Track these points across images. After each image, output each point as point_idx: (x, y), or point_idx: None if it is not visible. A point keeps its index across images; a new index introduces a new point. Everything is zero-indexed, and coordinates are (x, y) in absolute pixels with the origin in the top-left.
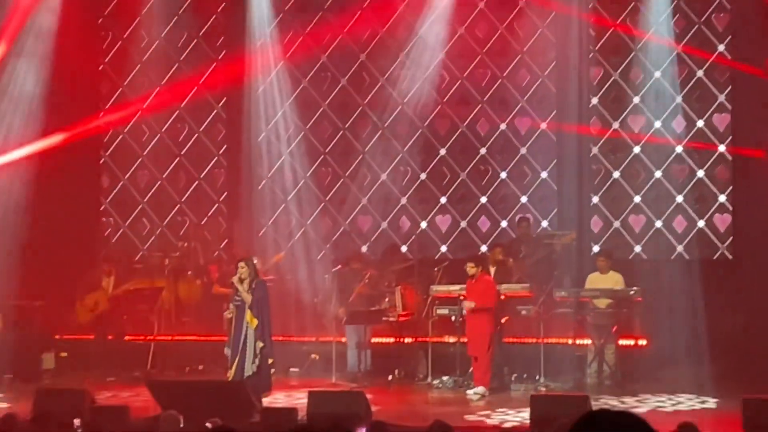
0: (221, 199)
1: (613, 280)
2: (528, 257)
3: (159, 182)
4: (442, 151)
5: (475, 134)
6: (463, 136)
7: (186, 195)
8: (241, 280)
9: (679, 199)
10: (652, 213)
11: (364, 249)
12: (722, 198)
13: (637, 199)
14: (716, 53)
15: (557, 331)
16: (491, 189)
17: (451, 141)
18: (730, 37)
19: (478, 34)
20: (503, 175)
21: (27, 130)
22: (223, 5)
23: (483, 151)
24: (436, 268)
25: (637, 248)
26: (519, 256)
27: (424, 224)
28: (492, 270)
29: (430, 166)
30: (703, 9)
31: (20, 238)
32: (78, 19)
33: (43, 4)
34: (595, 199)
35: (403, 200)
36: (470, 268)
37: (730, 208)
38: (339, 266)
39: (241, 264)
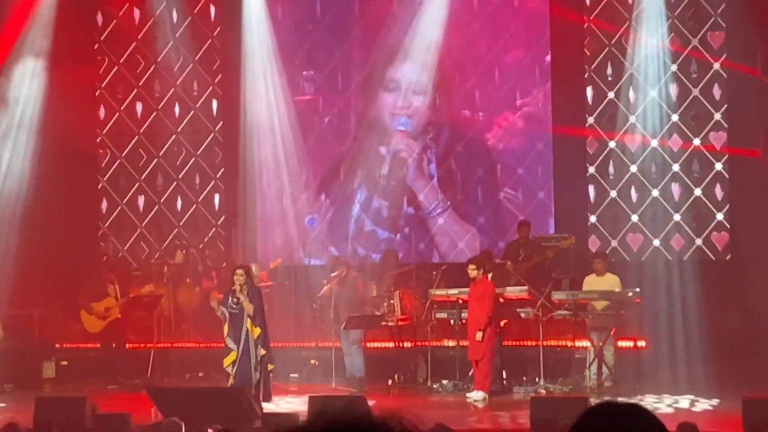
0: (219, 223)
1: (610, 282)
2: (527, 260)
3: (157, 206)
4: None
5: (472, 154)
6: (459, 156)
7: (184, 219)
8: (241, 288)
9: (677, 217)
10: (650, 232)
11: None
12: (720, 216)
13: (635, 218)
14: (712, 71)
15: (556, 333)
16: (488, 209)
17: (447, 162)
18: (725, 55)
19: (474, 54)
20: (500, 195)
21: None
22: (218, 29)
23: (480, 172)
24: (434, 272)
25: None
26: (518, 259)
27: (422, 245)
28: (489, 275)
29: (427, 188)
30: (697, 27)
31: (20, 248)
32: (74, 45)
33: (36, 29)
34: (593, 219)
35: (401, 221)
36: (471, 270)
37: (728, 226)
38: (334, 274)
39: (240, 272)
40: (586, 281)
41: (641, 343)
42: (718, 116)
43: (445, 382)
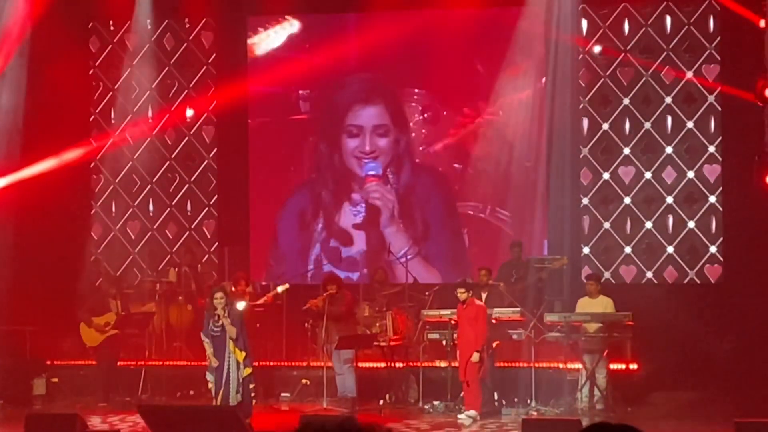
0: (212, 250)
1: (602, 305)
2: (519, 281)
3: (150, 233)
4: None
5: (465, 183)
6: (452, 186)
7: (177, 245)
8: (223, 312)
9: (670, 249)
10: (643, 264)
11: None
12: (713, 249)
13: (628, 249)
14: (706, 104)
15: (548, 355)
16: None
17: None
18: (719, 88)
19: (473, 83)
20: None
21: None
22: (213, 56)
23: (473, 203)
24: (426, 293)
25: None
26: (510, 280)
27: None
28: (484, 295)
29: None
30: (692, 60)
31: (13, 266)
32: (69, 70)
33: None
34: (586, 250)
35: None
36: (461, 294)
37: (721, 259)
38: (325, 293)
39: (218, 295)
40: (580, 303)
41: (633, 366)
42: (712, 149)
43: (436, 402)
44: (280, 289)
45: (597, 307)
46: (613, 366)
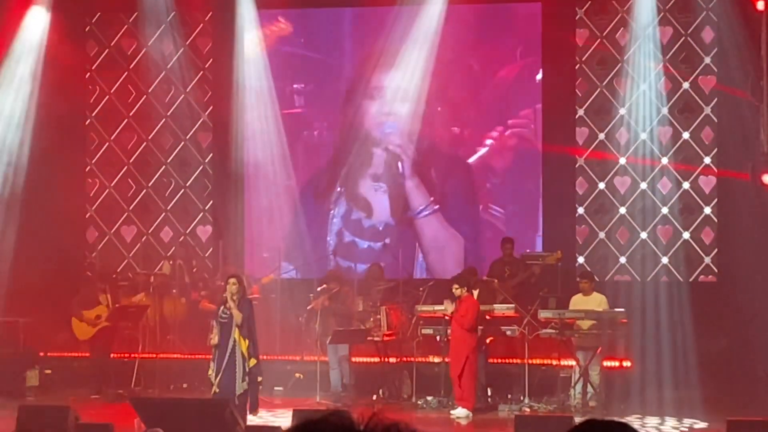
0: (207, 255)
1: (596, 302)
2: (512, 278)
3: (144, 237)
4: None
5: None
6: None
7: (171, 250)
8: (232, 297)
9: (665, 260)
10: (638, 274)
11: None
12: (707, 260)
13: (623, 260)
14: (702, 115)
15: (542, 351)
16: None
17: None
18: (716, 99)
19: (470, 79)
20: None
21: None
22: (210, 61)
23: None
24: (421, 288)
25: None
26: (504, 277)
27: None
28: (475, 293)
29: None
30: (689, 71)
31: (7, 258)
32: (65, 73)
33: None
34: (581, 260)
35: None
36: (455, 290)
37: (716, 270)
38: (320, 288)
39: (232, 280)
40: (573, 301)
41: (627, 364)
42: (707, 160)
43: (429, 398)
44: (264, 280)
45: (591, 304)
46: (607, 363)
